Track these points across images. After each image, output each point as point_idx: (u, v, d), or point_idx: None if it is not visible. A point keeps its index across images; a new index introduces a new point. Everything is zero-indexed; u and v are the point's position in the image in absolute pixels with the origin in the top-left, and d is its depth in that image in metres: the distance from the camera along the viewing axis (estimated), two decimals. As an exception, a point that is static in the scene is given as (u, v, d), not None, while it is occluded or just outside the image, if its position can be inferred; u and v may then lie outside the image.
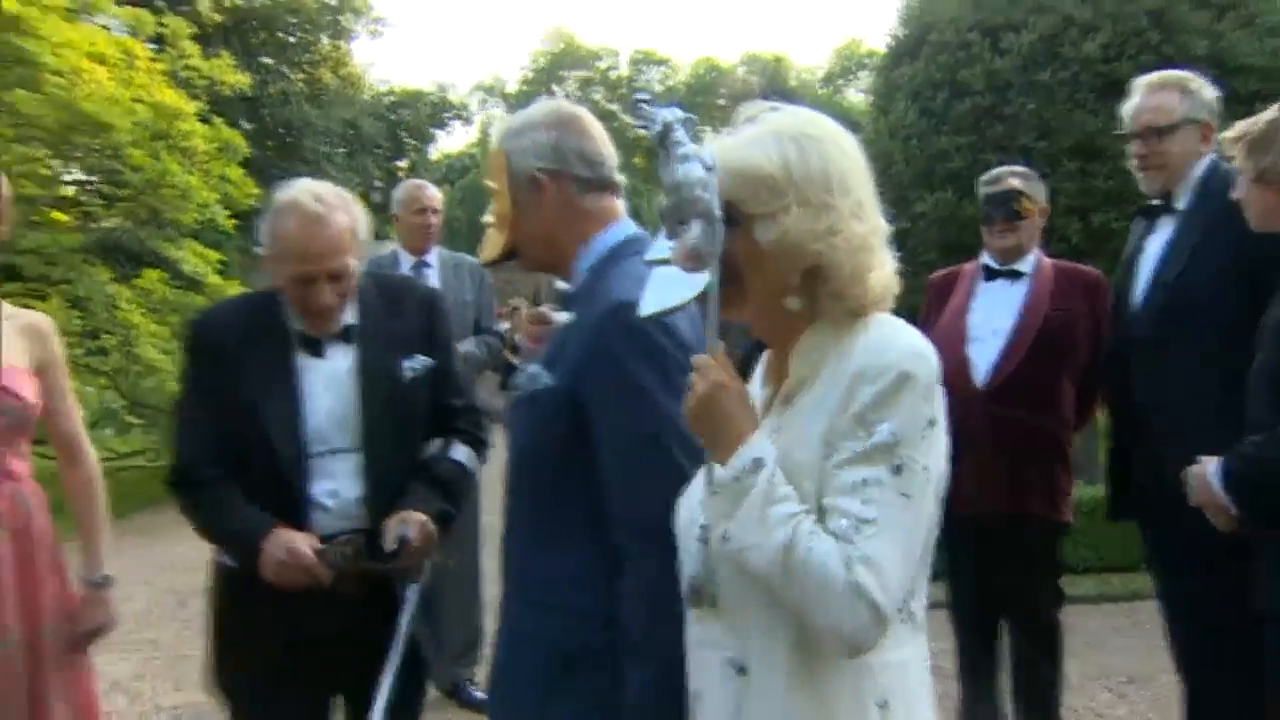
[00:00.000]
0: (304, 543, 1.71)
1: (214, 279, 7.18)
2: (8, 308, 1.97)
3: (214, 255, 7.39)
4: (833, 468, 1.07)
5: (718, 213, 1.06)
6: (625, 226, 1.51)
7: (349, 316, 1.89)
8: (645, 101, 1.08)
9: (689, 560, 1.16)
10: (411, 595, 1.74)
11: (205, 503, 1.79)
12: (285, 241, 1.79)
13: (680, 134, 1.06)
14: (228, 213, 7.10)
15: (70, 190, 7.30)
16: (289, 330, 1.86)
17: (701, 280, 1.10)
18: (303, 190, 1.81)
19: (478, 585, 3.58)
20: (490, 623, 3.39)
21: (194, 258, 7.25)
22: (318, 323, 1.86)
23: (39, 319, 2.01)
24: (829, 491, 1.06)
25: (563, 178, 1.49)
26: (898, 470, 1.05)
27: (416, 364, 1.90)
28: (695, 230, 1.06)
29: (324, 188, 1.84)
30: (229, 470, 1.79)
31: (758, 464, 1.07)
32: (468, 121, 36.44)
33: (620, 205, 1.53)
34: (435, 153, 32.78)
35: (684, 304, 1.12)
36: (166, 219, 7.13)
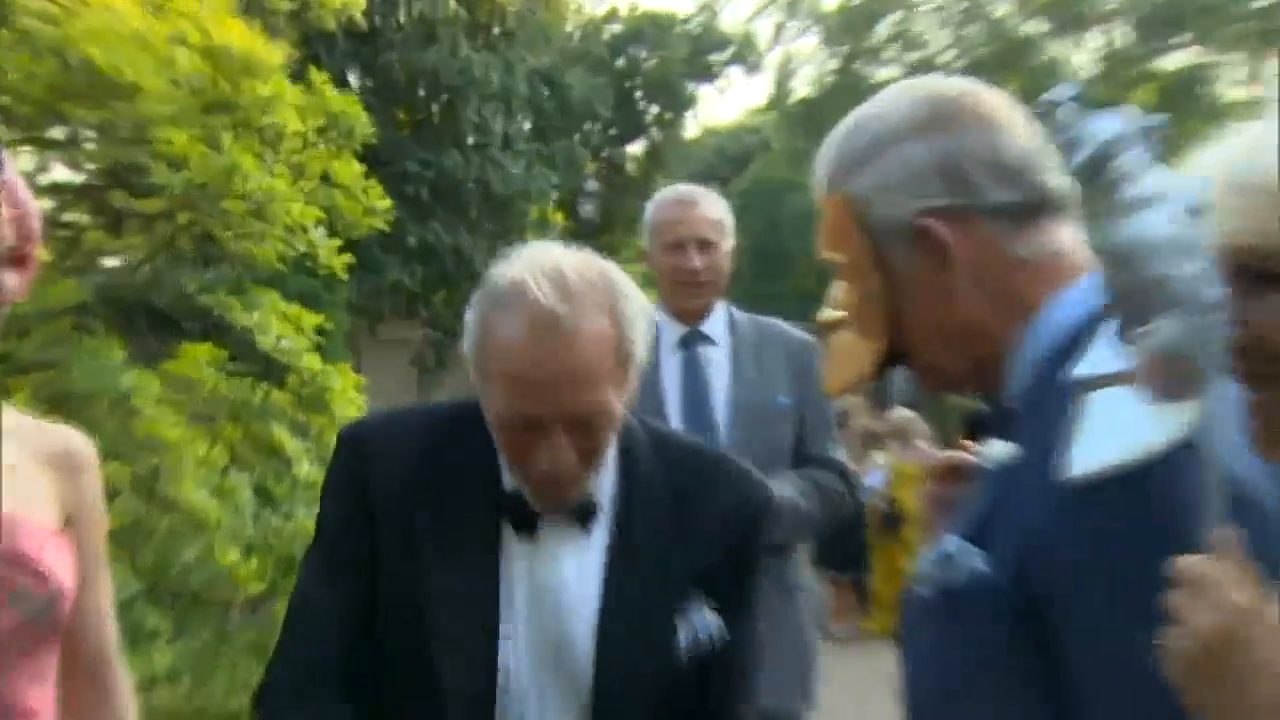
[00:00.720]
0: None
1: (310, 360, 5.25)
2: (20, 418, 1.68)
3: (311, 318, 5.52)
4: None
5: (1214, 295, 0.82)
6: (1090, 282, 1.07)
7: (600, 490, 1.53)
8: (1060, 104, 0.85)
9: None
10: None
11: None
12: (497, 358, 1.45)
13: (1132, 160, 0.83)
14: (335, 242, 5.15)
15: (51, 202, 5.47)
16: (498, 486, 1.52)
17: (1182, 415, 0.85)
18: (535, 268, 1.44)
19: None
20: None
21: (276, 321, 5.40)
22: (543, 495, 1.50)
23: (76, 441, 1.72)
24: None
25: (971, 217, 1.16)
26: None
27: (699, 629, 1.52)
28: (1168, 330, 0.83)
29: (576, 264, 1.46)
30: (352, 694, 1.48)
31: None
32: (753, 67, 21.66)
33: (1072, 237, 1.15)
34: (696, 126, 21.61)
35: (1150, 458, 0.87)
36: (226, 252, 5.39)
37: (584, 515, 1.56)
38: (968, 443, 1.46)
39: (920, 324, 1.21)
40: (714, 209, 3.16)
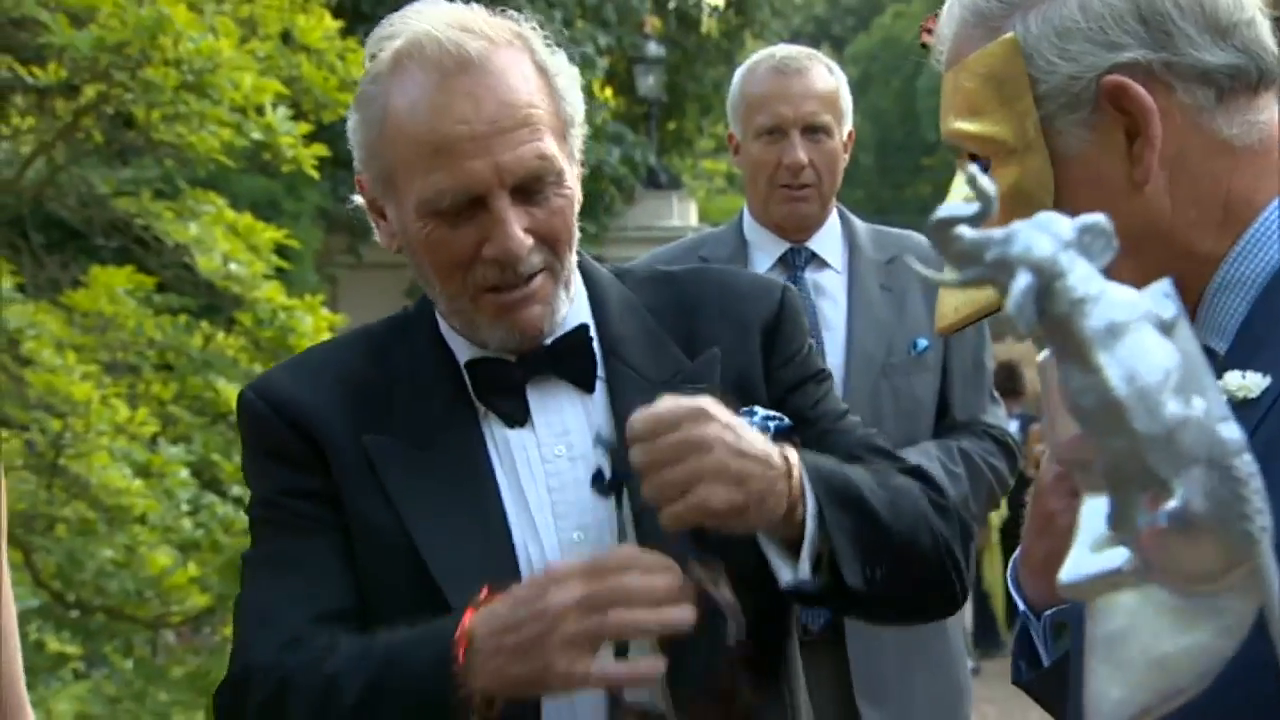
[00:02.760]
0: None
1: (270, 290, 5.42)
2: None
3: (269, 233, 5.65)
4: None
5: (1234, 435, 0.87)
6: None
7: (575, 315, 1.80)
8: (956, 220, 0.92)
9: None
10: None
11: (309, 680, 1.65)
12: (409, 131, 1.68)
13: (1080, 279, 0.88)
14: (303, 127, 5.28)
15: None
16: (462, 381, 1.77)
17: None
18: (426, 22, 1.71)
19: None
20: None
21: (222, 237, 5.50)
22: (504, 313, 1.72)
23: None
24: None
25: (1169, 81, 1.24)
26: None
27: (759, 422, 1.73)
28: (1186, 489, 0.88)
29: (476, 10, 1.75)
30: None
31: None
32: None
33: None
34: None
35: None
36: (151, 141, 5.51)
37: (575, 359, 1.78)
38: None
39: None
40: (825, 80, 3.22)
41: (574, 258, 1.80)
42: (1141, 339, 0.87)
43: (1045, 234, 0.89)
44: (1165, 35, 1.26)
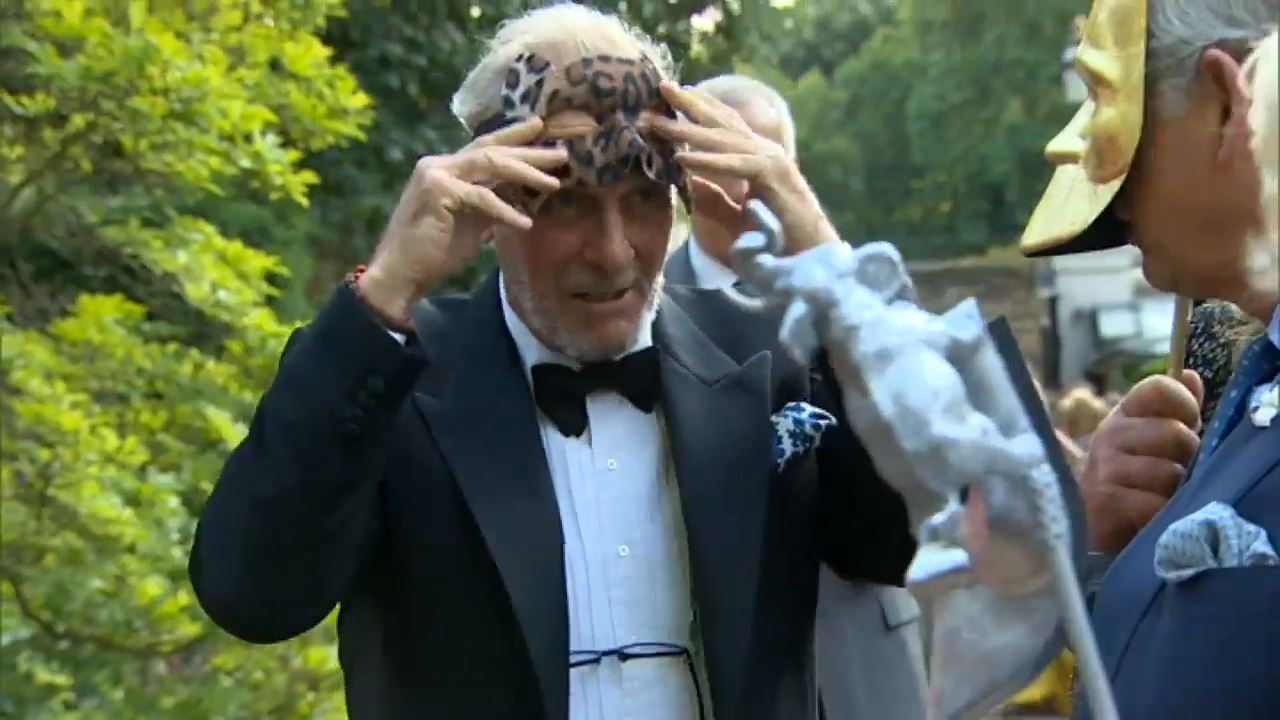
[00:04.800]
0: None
1: (259, 318, 5.40)
2: None
3: (259, 261, 5.62)
4: None
5: (1026, 446, 0.92)
6: None
7: (645, 336, 1.85)
8: (754, 251, 0.95)
9: None
10: None
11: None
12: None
13: (854, 308, 0.93)
14: (292, 155, 5.27)
15: None
16: (523, 380, 1.82)
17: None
18: (571, 22, 1.79)
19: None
20: None
21: (211, 265, 5.48)
22: (588, 323, 1.77)
23: None
24: None
25: None
26: None
27: (808, 419, 1.85)
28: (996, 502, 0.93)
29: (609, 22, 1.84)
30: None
31: None
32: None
33: None
34: None
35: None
36: (140, 169, 5.44)
37: (640, 379, 1.83)
38: (1192, 374, 1.57)
39: (1170, 192, 1.31)
40: (765, 113, 3.22)
41: (661, 279, 1.83)
42: (913, 362, 0.91)
43: (822, 265, 0.93)
44: (1272, 13, 1.28)
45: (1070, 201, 1.48)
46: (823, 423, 1.86)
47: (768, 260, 0.95)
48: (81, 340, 5.46)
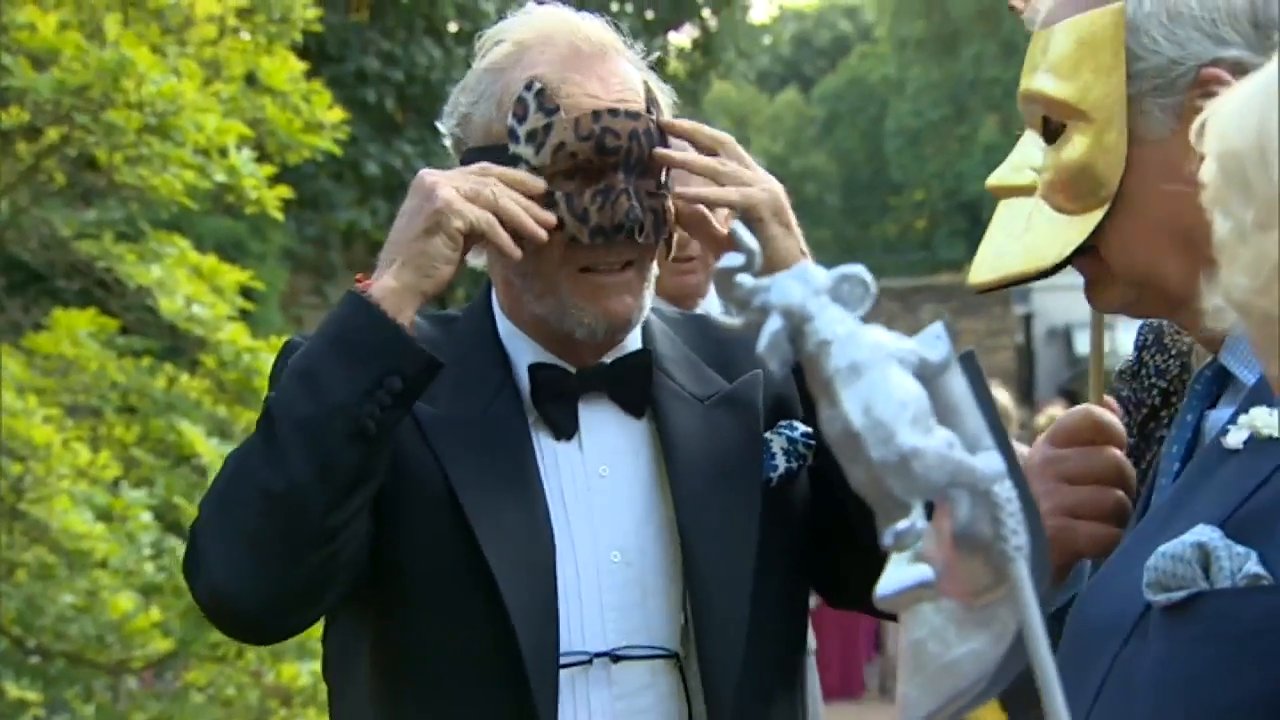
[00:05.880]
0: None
1: (234, 332, 5.37)
2: None
3: (233, 275, 5.62)
4: None
5: (989, 465, 0.94)
6: None
7: (635, 339, 1.89)
8: (734, 270, 0.98)
9: None
10: None
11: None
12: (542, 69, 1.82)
13: (826, 325, 0.95)
14: (267, 169, 5.28)
15: None
16: (515, 386, 1.86)
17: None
18: (557, 18, 1.87)
19: None
20: None
21: (185, 279, 5.47)
22: (603, 299, 1.81)
23: None
24: None
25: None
26: None
27: (799, 437, 1.89)
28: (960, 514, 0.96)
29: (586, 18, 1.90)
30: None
31: None
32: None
33: None
34: (766, 3, 22.35)
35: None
36: (114, 183, 5.49)
37: (631, 382, 1.87)
38: (1111, 400, 1.56)
39: (1154, 213, 1.30)
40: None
41: (655, 271, 1.89)
42: (882, 376, 0.94)
43: (798, 282, 0.96)
44: (1269, 42, 1.28)
45: (1031, 235, 1.46)
46: (813, 441, 1.89)
47: (746, 280, 0.98)
48: (55, 354, 5.44)
